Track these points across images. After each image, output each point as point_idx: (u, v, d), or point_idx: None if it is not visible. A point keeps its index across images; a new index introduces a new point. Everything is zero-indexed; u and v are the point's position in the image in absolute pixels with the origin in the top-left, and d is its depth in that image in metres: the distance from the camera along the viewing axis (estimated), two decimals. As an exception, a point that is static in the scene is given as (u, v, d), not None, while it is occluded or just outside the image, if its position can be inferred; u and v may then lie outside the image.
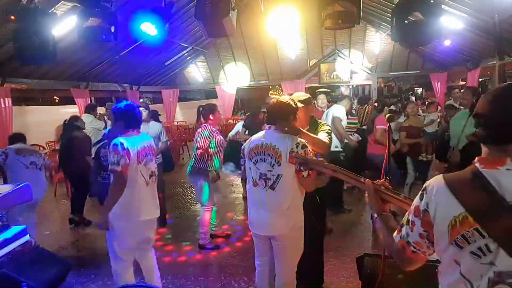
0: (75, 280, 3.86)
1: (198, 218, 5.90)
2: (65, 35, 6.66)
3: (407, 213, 1.27)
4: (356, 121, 6.91)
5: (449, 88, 12.42)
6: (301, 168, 1.93)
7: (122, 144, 2.82)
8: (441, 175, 1.19)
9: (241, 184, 7.13)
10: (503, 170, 1.09)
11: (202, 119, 4.58)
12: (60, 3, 5.90)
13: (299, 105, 3.11)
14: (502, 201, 1.06)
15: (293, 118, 2.74)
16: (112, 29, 4.82)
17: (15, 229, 2.74)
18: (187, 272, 4.02)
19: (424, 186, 1.22)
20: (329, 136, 3.03)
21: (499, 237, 1.05)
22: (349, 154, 5.74)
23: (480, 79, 11.08)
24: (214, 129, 4.49)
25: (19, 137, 4.95)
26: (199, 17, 4.22)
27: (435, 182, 1.19)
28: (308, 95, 3.26)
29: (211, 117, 4.47)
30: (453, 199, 1.12)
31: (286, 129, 2.64)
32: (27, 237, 2.78)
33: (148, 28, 4.64)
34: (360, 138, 6.39)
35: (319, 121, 3.36)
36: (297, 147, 2.61)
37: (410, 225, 1.24)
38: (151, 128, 5.08)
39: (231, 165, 4.81)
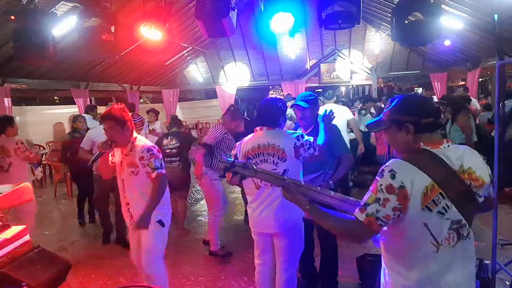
0: (75, 280, 3.86)
1: (198, 218, 5.92)
2: (65, 35, 6.65)
3: (371, 194, 1.46)
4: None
5: (449, 88, 12.43)
6: (225, 174, 1.95)
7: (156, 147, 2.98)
8: (399, 159, 1.50)
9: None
10: (443, 148, 1.50)
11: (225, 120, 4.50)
12: (60, 3, 5.89)
13: (305, 105, 3.16)
14: (450, 169, 1.45)
15: (283, 120, 2.81)
16: (112, 29, 4.82)
17: (15, 229, 2.74)
18: (187, 272, 4.02)
19: (390, 168, 1.45)
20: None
21: (453, 196, 1.44)
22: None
23: (480, 79, 11.08)
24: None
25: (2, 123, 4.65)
26: (199, 17, 4.22)
27: (401, 163, 1.47)
28: (315, 95, 3.30)
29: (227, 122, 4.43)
30: (422, 173, 1.43)
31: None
32: (27, 237, 2.78)
33: (148, 29, 4.64)
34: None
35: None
36: (298, 140, 2.67)
37: (381, 202, 1.43)
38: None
39: None
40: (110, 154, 3.07)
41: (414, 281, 1.51)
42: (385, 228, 1.49)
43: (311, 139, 2.78)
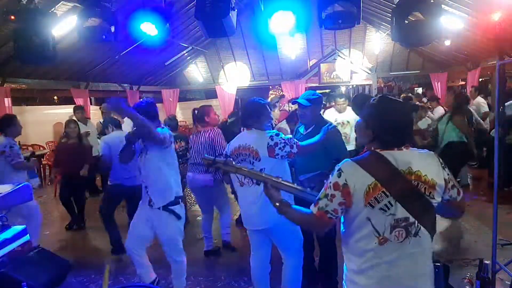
0: (75, 280, 3.87)
1: (198, 218, 5.92)
2: (65, 35, 6.65)
3: (323, 190, 1.63)
4: None
5: (449, 88, 12.42)
6: (209, 169, 2.22)
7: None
8: (348, 159, 1.64)
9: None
10: (395, 151, 1.60)
11: (197, 123, 4.60)
12: (60, 3, 5.89)
13: (306, 103, 3.18)
14: (396, 170, 1.56)
15: (265, 118, 2.87)
16: (112, 29, 4.81)
17: (15, 229, 2.74)
18: (187, 272, 4.01)
19: (339, 167, 1.60)
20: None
21: (396, 194, 1.54)
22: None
23: (480, 79, 11.08)
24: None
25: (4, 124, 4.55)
26: (199, 17, 4.21)
27: (348, 164, 1.61)
28: (319, 95, 3.30)
29: (206, 119, 4.45)
30: (365, 173, 1.55)
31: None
32: (27, 237, 2.78)
33: (148, 28, 4.64)
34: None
35: (329, 121, 3.40)
36: (272, 139, 2.74)
37: (329, 197, 1.60)
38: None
39: None
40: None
41: (358, 267, 1.64)
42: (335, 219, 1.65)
43: (289, 136, 2.85)
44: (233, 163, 2.06)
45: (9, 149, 4.44)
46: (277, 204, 1.82)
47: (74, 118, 7.00)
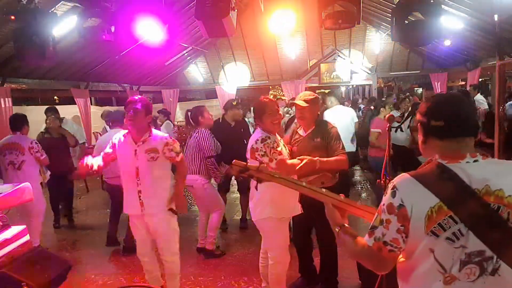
0: (75, 280, 3.86)
1: (197, 218, 5.91)
2: (65, 35, 6.65)
3: (375, 216, 1.31)
4: None
5: (449, 88, 12.42)
6: (241, 176, 1.90)
7: None
8: (405, 173, 1.31)
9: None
10: (464, 163, 1.25)
11: (192, 123, 4.60)
12: (60, 3, 5.89)
13: (304, 104, 3.15)
14: (468, 189, 1.21)
15: (266, 117, 2.88)
16: (112, 29, 4.81)
17: (15, 229, 2.74)
18: (187, 272, 4.01)
19: (392, 185, 1.29)
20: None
21: (469, 221, 1.19)
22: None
23: (480, 79, 11.08)
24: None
25: (16, 125, 4.59)
26: (199, 17, 4.21)
27: (404, 179, 1.29)
28: (315, 95, 3.29)
29: (200, 120, 4.47)
30: (427, 191, 1.22)
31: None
32: (27, 237, 2.78)
33: (148, 29, 4.64)
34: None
35: (327, 122, 3.42)
36: (256, 143, 2.76)
37: (384, 224, 1.27)
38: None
39: None
40: (109, 146, 3.20)
41: None
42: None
43: (280, 148, 2.82)
44: (268, 169, 1.81)
45: (36, 144, 4.57)
46: (336, 229, 1.49)
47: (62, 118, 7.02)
